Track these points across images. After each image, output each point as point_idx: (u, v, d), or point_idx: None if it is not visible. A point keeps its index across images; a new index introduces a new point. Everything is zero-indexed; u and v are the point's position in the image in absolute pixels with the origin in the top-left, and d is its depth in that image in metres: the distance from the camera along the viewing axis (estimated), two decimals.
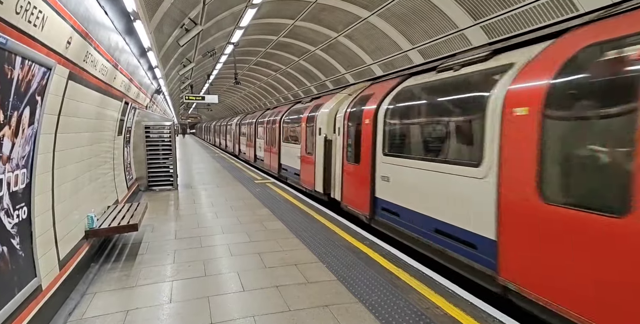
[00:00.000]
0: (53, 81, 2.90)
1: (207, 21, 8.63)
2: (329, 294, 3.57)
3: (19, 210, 2.56)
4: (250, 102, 28.27)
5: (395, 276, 4.00)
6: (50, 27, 2.64)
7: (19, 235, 2.55)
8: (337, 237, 5.36)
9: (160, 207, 7.57)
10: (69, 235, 3.71)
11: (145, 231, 5.72)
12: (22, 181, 2.60)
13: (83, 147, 4.37)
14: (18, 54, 2.28)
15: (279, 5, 9.05)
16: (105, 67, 4.70)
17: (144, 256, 4.64)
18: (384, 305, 3.35)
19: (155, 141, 9.51)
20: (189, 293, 3.63)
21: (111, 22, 4.27)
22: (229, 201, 8.01)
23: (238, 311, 3.27)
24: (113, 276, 4.05)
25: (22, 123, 2.50)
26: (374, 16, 7.97)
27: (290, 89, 17.84)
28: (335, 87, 12.67)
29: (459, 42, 6.75)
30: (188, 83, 17.77)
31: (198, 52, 12.33)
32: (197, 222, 6.30)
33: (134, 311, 3.27)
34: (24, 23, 2.27)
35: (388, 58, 9.11)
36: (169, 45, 9.10)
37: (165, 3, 6.50)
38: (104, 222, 4.63)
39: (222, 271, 4.18)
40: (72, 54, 3.28)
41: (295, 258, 4.54)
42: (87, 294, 3.60)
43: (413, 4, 6.77)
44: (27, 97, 2.53)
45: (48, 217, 3.16)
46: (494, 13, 5.67)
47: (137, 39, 5.69)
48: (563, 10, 4.74)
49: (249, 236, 5.46)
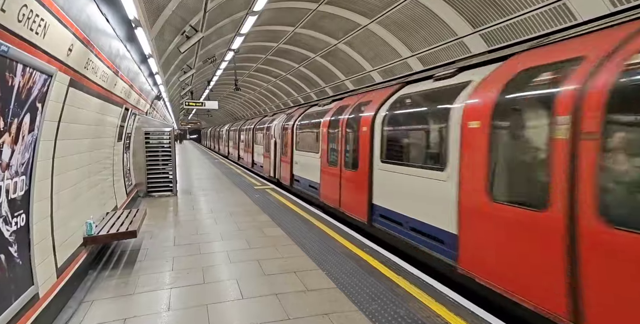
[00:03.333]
0: (54, 87, 2.90)
1: (207, 28, 8.70)
2: (328, 302, 3.54)
3: (18, 217, 2.55)
4: (250, 108, 28.37)
5: (395, 283, 3.97)
6: (52, 35, 2.66)
7: (16, 243, 2.53)
8: (336, 244, 5.33)
9: (159, 213, 7.54)
10: (67, 242, 3.69)
11: (144, 237, 5.68)
12: (21, 188, 2.59)
13: (83, 153, 4.36)
14: (19, 62, 2.28)
15: (279, 13, 9.13)
16: (106, 74, 4.72)
17: (143, 263, 4.61)
18: (384, 314, 3.32)
19: (154, 146, 9.51)
20: (188, 300, 3.60)
21: (112, 30, 4.30)
22: (229, 207, 7.98)
23: (237, 319, 3.24)
24: (111, 283, 4.01)
25: (22, 130, 2.50)
26: (374, 24, 8.04)
27: (290, 95, 17.92)
28: (335, 93, 12.71)
29: (458, 50, 6.79)
30: (188, 89, 17.84)
31: (199, 59, 12.40)
32: (196, 228, 6.27)
33: (132, 319, 3.23)
34: (26, 31, 2.28)
35: (388, 65, 9.17)
36: (169, 52, 9.16)
37: (166, 11, 6.56)
38: (102, 228, 4.60)
39: (221, 279, 4.14)
40: (73, 61, 3.29)
41: (295, 265, 4.51)
42: (84, 302, 3.56)
43: (412, 12, 6.83)
44: (28, 104, 2.53)
45: (46, 225, 3.15)
46: (493, 21, 5.72)
47: (138, 45, 5.72)
48: (562, 19, 4.78)
49: (248, 243, 5.43)
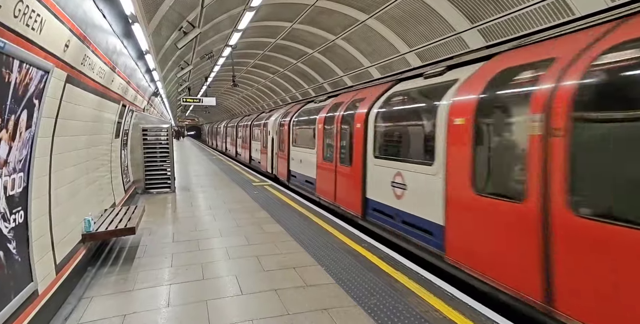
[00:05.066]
0: (51, 84, 2.89)
1: (205, 24, 8.64)
2: (327, 298, 3.56)
3: (16, 214, 2.55)
4: (248, 104, 28.28)
5: (393, 278, 3.99)
6: (49, 31, 2.63)
7: (15, 239, 2.52)
8: (334, 240, 5.35)
9: (157, 210, 7.54)
10: (66, 239, 3.69)
11: (143, 234, 5.69)
12: (19, 184, 2.59)
13: (80, 150, 4.35)
14: (16, 58, 2.26)
15: (277, 8, 9.08)
16: (103, 70, 4.69)
17: (142, 260, 4.62)
18: (383, 308, 3.34)
19: (152, 143, 9.47)
20: (187, 296, 3.61)
21: (109, 25, 4.27)
22: (227, 204, 7.98)
23: (236, 315, 3.26)
24: (110, 280, 4.02)
25: (19, 127, 2.49)
26: (372, 19, 8.00)
27: (288, 92, 17.87)
28: (334, 89, 12.68)
29: (456, 45, 6.78)
30: (186, 85, 17.76)
31: (196, 55, 12.33)
32: (195, 225, 6.27)
33: (131, 315, 3.24)
34: (22, 26, 2.26)
35: (386, 61, 9.14)
36: (167, 48, 9.10)
37: (163, 6, 6.51)
38: (101, 225, 4.60)
39: (220, 275, 4.16)
40: (70, 57, 3.26)
41: (294, 261, 4.53)
42: (84, 298, 3.57)
43: (410, 7, 6.81)
44: (25, 100, 2.52)
45: (45, 221, 3.14)
46: (491, 16, 5.71)
47: (135, 41, 5.68)
48: (560, 14, 4.78)
49: (247, 239, 5.45)
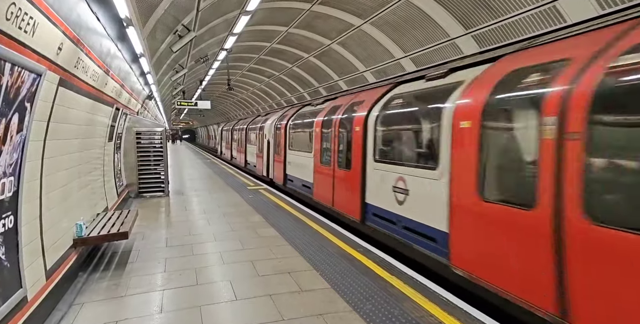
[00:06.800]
0: (43, 87, 2.85)
1: (200, 28, 8.63)
2: (322, 303, 3.53)
3: (5, 219, 2.50)
4: (243, 108, 28.25)
5: (389, 283, 3.98)
6: (41, 34, 2.61)
7: (4, 245, 2.48)
8: (330, 244, 5.33)
9: (151, 214, 7.46)
10: (57, 244, 3.63)
11: (136, 238, 5.62)
12: (9, 189, 2.54)
13: (72, 153, 4.30)
14: (7, 61, 2.23)
15: (272, 13, 9.11)
16: (97, 73, 4.65)
17: (134, 265, 4.55)
18: (379, 314, 3.32)
19: (146, 146, 9.40)
20: (181, 302, 3.56)
21: (103, 28, 4.24)
22: (222, 208, 7.92)
23: (231, 321, 3.22)
24: (102, 285, 3.96)
25: (10, 130, 2.45)
26: (367, 24, 8.06)
27: (283, 95, 17.88)
28: (329, 93, 12.71)
29: (450, 51, 6.84)
30: (180, 89, 17.71)
31: (191, 58, 12.31)
32: (188, 229, 6.21)
33: (123, 321, 3.19)
34: (14, 29, 2.23)
35: (381, 65, 9.20)
36: (161, 51, 9.07)
37: (159, 9, 6.49)
38: (93, 230, 4.53)
39: (215, 280, 4.11)
40: (63, 60, 3.23)
41: (289, 266, 4.50)
42: (74, 304, 3.51)
43: (405, 13, 6.87)
44: (16, 103, 2.48)
45: (35, 226, 3.09)
46: (485, 23, 5.77)
47: (129, 45, 5.65)
48: (551, 21, 4.85)
49: (242, 244, 5.40)
